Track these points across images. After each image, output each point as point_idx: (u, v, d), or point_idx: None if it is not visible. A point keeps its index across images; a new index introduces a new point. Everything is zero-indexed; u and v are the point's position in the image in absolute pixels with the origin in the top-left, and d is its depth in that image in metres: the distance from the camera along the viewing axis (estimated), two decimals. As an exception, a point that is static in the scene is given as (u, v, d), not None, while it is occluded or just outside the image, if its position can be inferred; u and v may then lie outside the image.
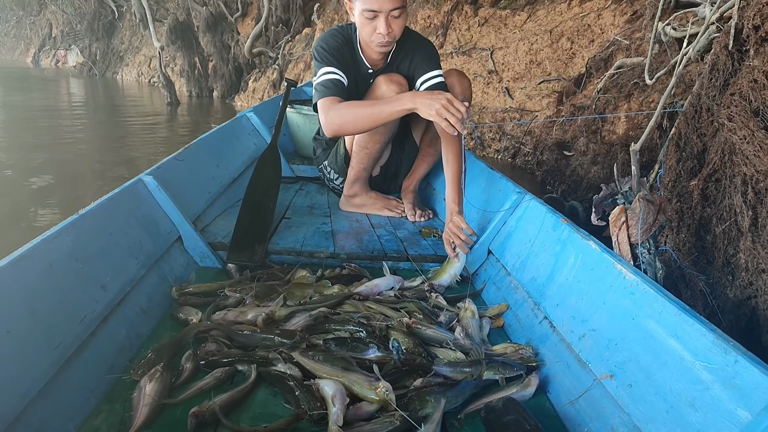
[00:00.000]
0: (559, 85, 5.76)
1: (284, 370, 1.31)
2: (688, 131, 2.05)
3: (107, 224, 1.54)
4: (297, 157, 3.43)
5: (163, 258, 1.78)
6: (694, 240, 1.85)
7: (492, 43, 6.92)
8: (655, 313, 1.18)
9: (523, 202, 1.97)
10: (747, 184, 1.65)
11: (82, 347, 1.23)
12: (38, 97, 12.12)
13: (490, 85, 6.51)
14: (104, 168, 5.14)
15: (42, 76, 19.30)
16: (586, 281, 1.45)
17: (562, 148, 4.52)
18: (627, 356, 1.19)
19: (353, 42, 2.19)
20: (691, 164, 1.99)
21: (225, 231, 2.11)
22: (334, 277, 1.86)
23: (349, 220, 2.46)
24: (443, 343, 1.49)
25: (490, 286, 1.90)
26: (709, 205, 1.83)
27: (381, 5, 1.92)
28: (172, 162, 2.09)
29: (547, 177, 4.53)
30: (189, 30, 12.04)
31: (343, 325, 1.51)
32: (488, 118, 6.08)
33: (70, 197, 4.16)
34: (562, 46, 6.08)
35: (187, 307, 1.60)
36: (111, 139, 7.05)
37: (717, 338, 1.01)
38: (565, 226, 1.65)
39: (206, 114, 10.15)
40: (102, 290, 1.39)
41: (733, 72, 1.88)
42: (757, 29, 1.76)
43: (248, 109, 3.25)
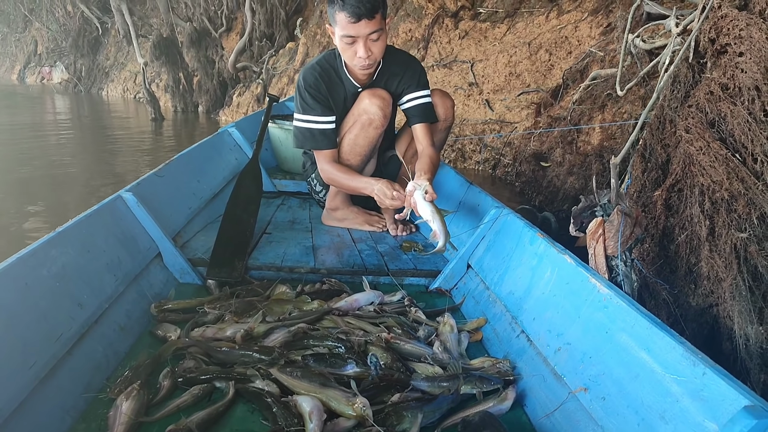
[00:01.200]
0: (538, 97, 5.85)
1: (262, 386, 1.31)
2: (653, 142, 2.09)
3: (85, 241, 1.54)
4: (279, 172, 3.43)
5: (142, 274, 1.77)
6: (658, 249, 1.88)
7: (472, 55, 7.01)
8: (627, 326, 1.20)
9: (501, 216, 1.99)
10: (704, 194, 1.69)
11: (57, 366, 1.23)
12: (24, 115, 12.03)
13: (470, 97, 6.58)
14: (90, 186, 5.10)
15: (27, 94, 19.14)
16: (562, 295, 1.47)
17: (539, 159, 4.59)
18: (601, 369, 1.21)
19: (337, 67, 2.22)
20: (656, 174, 2.03)
21: (205, 247, 2.11)
22: (313, 292, 1.87)
23: (330, 234, 2.47)
24: (421, 357, 1.49)
25: (470, 299, 1.92)
26: (672, 215, 1.86)
27: (358, 30, 1.96)
28: (152, 178, 2.08)
29: (525, 188, 4.59)
30: (173, 45, 12.02)
31: (322, 340, 1.51)
32: (469, 130, 6.13)
33: (56, 215, 4.12)
34: (540, 57, 6.17)
35: (166, 323, 1.60)
36: (97, 156, 7.00)
37: (686, 351, 1.03)
38: (542, 240, 1.67)
39: (191, 129, 10.13)
40: (79, 308, 1.38)
41: (693, 84, 1.93)
42: (713, 42, 1.80)
43: (230, 125, 3.25)
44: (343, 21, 1.95)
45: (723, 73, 1.70)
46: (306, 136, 2.24)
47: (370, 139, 2.26)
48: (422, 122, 2.27)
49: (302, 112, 2.22)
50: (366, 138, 2.25)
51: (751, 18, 1.64)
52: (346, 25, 1.95)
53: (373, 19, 1.94)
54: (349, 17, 1.92)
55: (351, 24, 1.94)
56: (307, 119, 2.21)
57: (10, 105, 14.36)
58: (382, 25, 1.99)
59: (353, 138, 2.26)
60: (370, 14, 1.92)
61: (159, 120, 10.36)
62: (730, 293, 1.57)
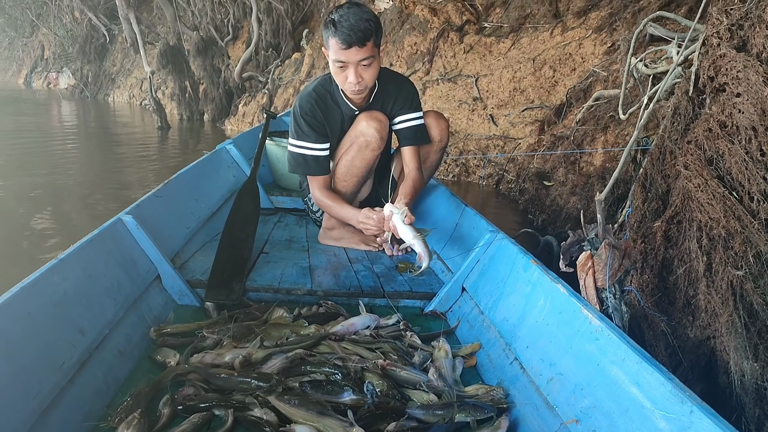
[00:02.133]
0: (542, 113, 5.89)
1: (261, 414, 1.33)
2: (653, 172, 2.12)
3: (86, 267, 1.56)
4: (276, 188, 3.46)
5: (142, 297, 1.80)
6: (657, 281, 1.91)
7: (477, 70, 7.05)
8: (618, 359, 1.23)
9: (496, 240, 2.02)
10: (702, 230, 1.72)
11: (59, 395, 1.25)
12: (30, 121, 12.07)
13: (474, 112, 6.61)
14: (94, 196, 5.11)
15: (34, 99, 19.20)
16: (555, 324, 1.50)
17: (542, 178, 4.62)
18: (592, 402, 1.24)
19: (333, 91, 2.27)
20: (656, 205, 2.06)
21: (203, 267, 2.13)
22: (311, 315, 1.89)
23: (327, 254, 2.50)
24: (417, 384, 1.52)
25: (464, 323, 1.95)
26: (672, 246, 1.89)
27: (348, 57, 2.00)
28: (151, 199, 2.11)
29: (528, 206, 4.61)
30: (180, 54, 12.09)
31: (319, 366, 1.53)
32: (473, 145, 6.16)
33: (60, 224, 4.18)
34: (544, 74, 6.21)
35: (165, 348, 1.62)
36: (103, 165, 7.03)
37: (674, 388, 1.06)
38: (535, 267, 1.70)
39: (196, 138, 10.16)
40: (80, 334, 1.40)
41: (693, 117, 1.96)
42: (712, 79, 1.84)
43: (227, 141, 3.28)
44: (335, 46, 2.00)
45: (722, 110, 1.74)
46: (299, 162, 2.29)
47: (367, 161, 2.30)
48: (411, 145, 2.34)
49: (296, 138, 2.27)
50: (363, 160, 2.29)
51: (748, 60, 1.68)
52: (337, 51, 2.00)
53: (364, 46, 1.99)
54: (340, 43, 1.97)
55: (342, 50, 1.99)
56: (301, 145, 2.26)
57: (18, 111, 14.38)
58: (374, 52, 2.04)
59: (350, 160, 2.30)
60: (361, 42, 1.97)
61: (165, 128, 10.39)
62: (726, 329, 1.60)
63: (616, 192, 3.33)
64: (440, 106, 6.97)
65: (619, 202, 3.33)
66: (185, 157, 6.98)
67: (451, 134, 6.51)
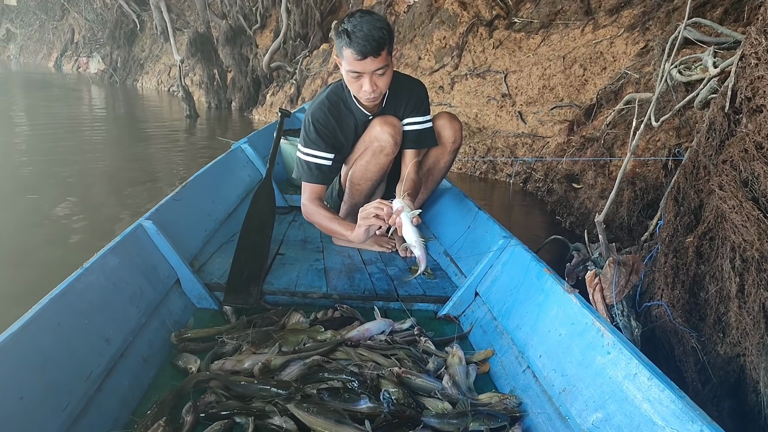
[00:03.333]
0: (571, 112, 5.84)
1: (280, 423, 1.38)
2: (686, 186, 2.11)
3: (110, 275, 1.60)
4: (291, 186, 3.49)
5: (163, 303, 1.84)
6: (688, 296, 1.91)
7: (506, 65, 7.02)
8: (629, 374, 1.26)
9: (509, 247, 2.04)
10: (735, 251, 1.72)
11: (88, 404, 1.30)
12: (61, 106, 12.30)
13: (503, 109, 6.58)
14: (125, 184, 5.23)
15: (64, 83, 19.51)
16: (567, 335, 1.53)
17: (571, 180, 4.59)
18: (603, 415, 1.27)
19: (345, 98, 2.29)
20: (688, 219, 2.05)
21: (221, 270, 2.18)
22: (326, 320, 1.93)
23: (341, 255, 2.53)
24: (431, 392, 1.55)
25: (477, 328, 1.98)
26: (704, 262, 1.89)
27: (364, 67, 2.02)
28: (169, 203, 2.15)
29: (556, 207, 4.58)
30: (209, 42, 12.19)
31: (337, 374, 1.57)
32: (501, 143, 6.11)
33: (91, 212, 4.29)
34: (574, 72, 6.17)
35: (186, 354, 1.67)
36: (132, 153, 7.15)
37: (685, 406, 1.09)
38: (548, 276, 1.73)
39: (224, 127, 10.27)
40: (106, 343, 1.45)
41: (729, 133, 1.95)
42: (750, 100, 1.82)
43: (242, 140, 3.31)
44: (349, 57, 2.01)
45: (758, 131, 1.73)
46: (303, 168, 2.32)
47: (381, 166, 2.33)
48: (414, 148, 2.37)
49: (304, 145, 2.31)
50: (377, 164, 2.31)
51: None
52: (352, 61, 2.01)
53: (378, 56, 2.00)
54: (355, 54, 1.98)
55: (357, 61, 2.00)
56: (307, 152, 2.29)
57: (49, 96, 14.64)
58: (387, 61, 2.05)
59: (364, 164, 2.32)
60: (375, 52, 1.98)
61: (194, 117, 10.50)
62: (757, 350, 1.61)
63: (646, 198, 3.32)
64: (468, 101, 6.95)
65: (648, 207, 3.31)
66: (213, 147, 7.06)
67: (479, 130, 6.49)
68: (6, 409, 1.07)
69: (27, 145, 7.25)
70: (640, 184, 3.50)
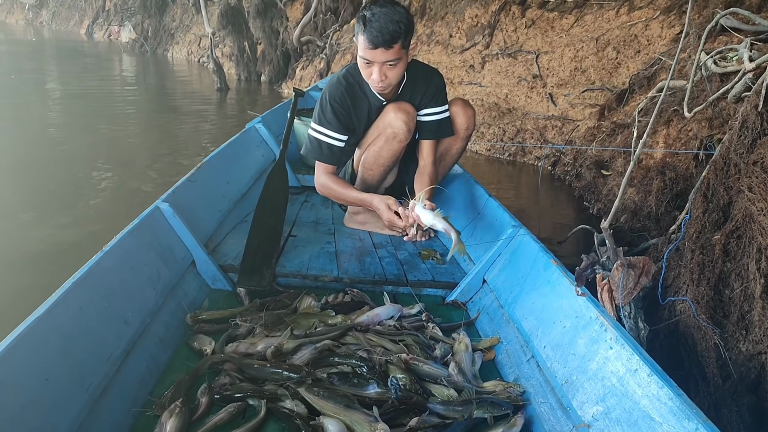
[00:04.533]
0: (603, 96, 5.76)
1: (291, 406, 1.43)
2: (716, 183, 2.11)
3: (128, 258, 1.65)
4: (303, 166, 3.53)
5: (179, 284, 1.89)
6: (713, 293, 1.93)
7: (538, 46, 6.94)
8: (630, 370, 1.30)
9: (518, 236, 2.07)
10: (761, 252, 1.74)
11: (109, 384, 1.36)
12: (93, 76, 12.41)
13: (533, 90, 6.53)
14: (154, 159, 5.32)
15: (96, 52, 19.62)
16: (572, 327, 1.57)
17: (600, 166, 4.55)
18: (603, 409, 1.31)
19: (362, 82, 2.29)
20: (716, 216, 2.06)
21: (235, 251, 2.23)
22: (337, 304, 1.98)
23: (353, 238, 2.57)
24: (438, 379, 1.61)
25: (484, 315, 2.02)
26: (730, 260, 1.90)
27: (374, 56, 2.03)
28: (185, 184, 2.19)
29: (584, 193, 4.55)
30: (239, 15, 12.14)
31: (346, 358, 1.63)
32: (530, 125, 6.06)
33: (121, 183, 4.44)
34: (607, 55, 6.08)
35: (201, 336, 1.72)
36: (163, 125, 7.25)
37: (682, 404, 1.13)
38: (555, 268, 1.76)
39: (253, 101, 10.31)
40: (125, 325, 1.51)
41: (761, 132, 1.95)
42: None
43: (257, 119, 3.34)
44: (362, 44, 2.03)
45: None
46: (314, 146, 2.34)
47: (394, 152, 2.35)
48: (432, 138, 2.38)
49: (318, 123, 2.32)
50: (390, 151, 2.34)
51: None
52: (364, 49, 2.03)
53: (390, 48, 2.01)
54: (367, 43, 2.00)
55: (368, 49, 2.02)
56: (320, 131, 2.31)
57: (81, 65, 14.77)
58: (400, 54, 2.06)
59: (377, 150, 2.35)
60: (387, 44, 1.99)
61: (224, 90, 10.53)
62: None
63: (675, 188, 3.29)
64: (499, 81, 6.90)
65: (677, 198, 3.29)
66: (242, 119, 7.18)
67: (509, 111, 6.43)
68: (34, 390, 1.13)
69: (59, 115, 7.43)
70: (669, 174, 3.47)
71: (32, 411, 1.11)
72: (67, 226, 3.40)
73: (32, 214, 3.64)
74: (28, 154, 5.21)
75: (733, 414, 1.75)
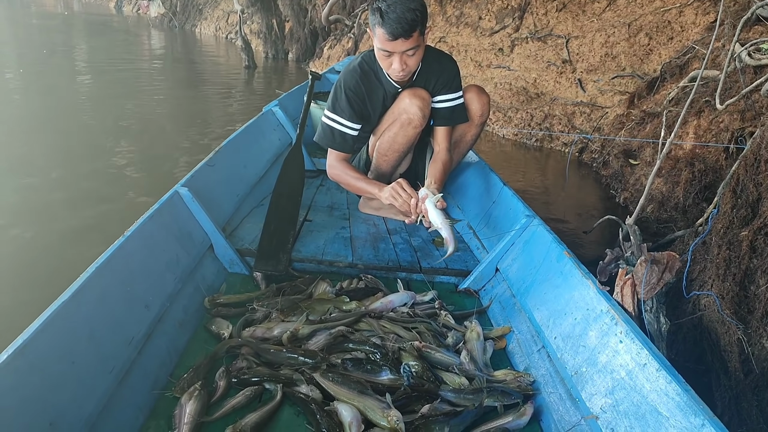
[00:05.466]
0: (633, 83, 5.68)
1: (307, 391, 1.47)
2: (745, 179, 2.10)
3: (148, 243, 1.69)
4: (319, 150, 3.54)
5: (197, 268, 1.93)
6: (738, 289, 1.94)
7: (569, 30, 6.85)
8: (639, 365, 1.32)
9: (531, 226, 2.09)
10: None
11: (131, 367, 1.40)
12: (122, 51, 12.64)
13: (563, 75, 6.46)
14: (183, 137, 5.42)
15: (125, 27, 19.92)
16: (582, 319, 1.59)
17: (628, 155, 4.51)
18: (612, 401, 1.34)
19: (377, 69, 2.30)
20: (745, 212, 2.06)
21: (252, 235, 2.26)
22: (351, 290, 2.02)
23: (367, 224, 2.60)
24: (450, 367, 1.64)
25: (496, 304, 2.05)
26: (757, 257, 1.91)
27: (394, 47, 2.04)
28: (204, 169, 2.22)
29: (611, 182, 4.53)
30: None
31: (360, 345, 1.66)
32: (558, 110, 6.00)
33: (147, 159, 4.57)
34: (639, 41, 5.98)
35: (219, 319, 1.77)
36: (189, 103, 7.33)
37: (690, 400, 1.15)
38: (568, 259, 1.78)
39: (281, 79, 10.39)
40: (146, 309, 1.55)
41: None
42: None
43: (273, 102, 3.35)
44: (381, 36, 2.03)
45: None
46: (326, 134, 2.37)
47: (409, 138, 2.36)
48: (447, 125, 2.40)
49: (332, 110, 2.34)
50: (405, 137, 2.35)
51: None
52: (383, 41, 2.04)
53: (410, 38, 2.02)
54: (386, 35, 2.00)
55: (388, 41, 2.02)
56: (334, 118, 2.33)
57: (110, 40, 14.98)
58: (419, 41, 2.06)
59: (392, 136, 2.36)
60: (407, 34, 2.00)
61: (252, 68, 10.61)
62: None
63: (704, 180, 3.27)
64: (528, 65, 6.84)
65: (705, 190, 3.27)
66: (269, 97, 7.30)
67: (537, 96, 6.37)
68: (62, 373, 1.18)
69: (89, 89, 7.57)
70: (699, 166, 3.44)
71: (60, 393, 1.15)
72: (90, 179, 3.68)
73: (61, 171, 4.00)
74: (58, 123, 5.49)
75: (753, 408, 1.77)
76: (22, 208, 3.39)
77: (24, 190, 3.65)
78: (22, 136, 4.95)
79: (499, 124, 6.23)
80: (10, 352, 1.07)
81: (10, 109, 6.01)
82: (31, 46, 12.10)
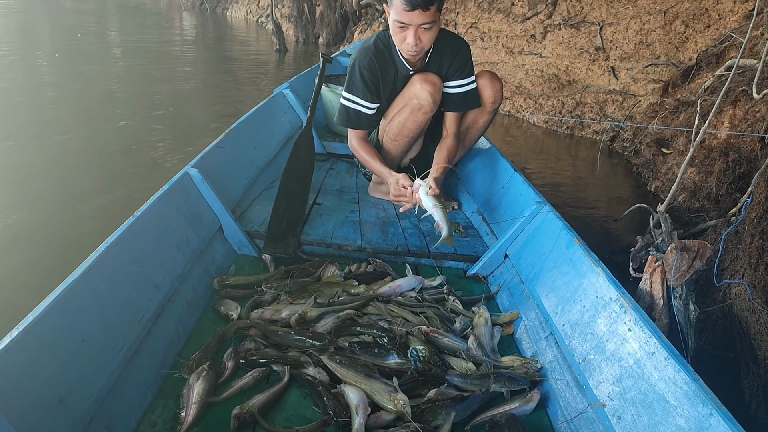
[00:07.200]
0: (667, 71, 5.59)
1: (314, 374, 1.48)
2: None
3: (158, 223, 1.70)
4: (329, 133, 3.54)
5: (206, 249, 1.94)
6: None
7: (602, 17, 6.74)
8: (647, 353, 1.31)
9: (541, 213, 2.07)
10: None
11: (140, 346, 1.41)
12: (154, 33, 12.85)
13: (595, 63, 6.38)
14: (211, 118, 5.58)
15: (157, 9, 20.21)
16: (591, 306, 1.58)
17: (661, 144, 4.46)
18: (619, 389, 1.34)
19: (391, 49, 2.27)
20: None
21: (261, 217, 2.27)
22: (360, 274, 2.01)
23: (376, 208, 2.60)
24: (457, 352, 1.64)
25: (504, 290, 2.04)
26: None
27: (411, 19, 2.01)
28: (214, 150, 2.22)
29: (642, 170, 4.48)
30: None
31: (368, 328, 1.66)
32: (590, 98, 5.94)
33: (180, 135, 4.78)
34: (675, 29, 5.87)
35: (227, 300, 1.77)
36: (222, 85, 7.45)
37: (698, 389, 1.14)
38: (578, 246, 1.77)
39: (311, 63, 10.50)
40: (155, 289, 1.56)
41: None
42: None
43: (284, 85, 3.34)
44: (398, 6, 2.00)
45: None
46: (341, 114, 2.39)
47: (419, 123, 2.35)
48: (457, 111, 2.39)
49: (348, 91, 2.34)
50: (415, 122, 2.34)
51: None
52: (400, 12, 2.01)
53: (427, 10, 1.99)
54: (404, 5, 1.97)
55: (405, 12, 1.99)
56: (351, 99, 2.34)
57: (142, 23, 15.32)
58: (435, 17, 2.04)
59: (402, 121, 2.35)
60: (425, 5, 1.97)
61: (283, 51, 10.65)
62: None
63: (738, 170, 3.22)
64: (560, 52, 6.77)
65: (739, 180, 3.23)
66: None
67: (569, 83, 6.31)
68: (71, 351, 1.19)
69: (120, 71, 7.77)
70: (733, 156, 3.39)
71: (69, 370, 1.16)
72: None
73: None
74: (90, 106, 5.76)
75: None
76: (61, 191, 3.52)
77: (62, 170, 3.81)
78: (60, 123, 5.04)
79: (529, 111, 6.19)
80: (21, 329, 1.08)
81: (49, 91, 6.20)
82: (65, 29, 12.24)
